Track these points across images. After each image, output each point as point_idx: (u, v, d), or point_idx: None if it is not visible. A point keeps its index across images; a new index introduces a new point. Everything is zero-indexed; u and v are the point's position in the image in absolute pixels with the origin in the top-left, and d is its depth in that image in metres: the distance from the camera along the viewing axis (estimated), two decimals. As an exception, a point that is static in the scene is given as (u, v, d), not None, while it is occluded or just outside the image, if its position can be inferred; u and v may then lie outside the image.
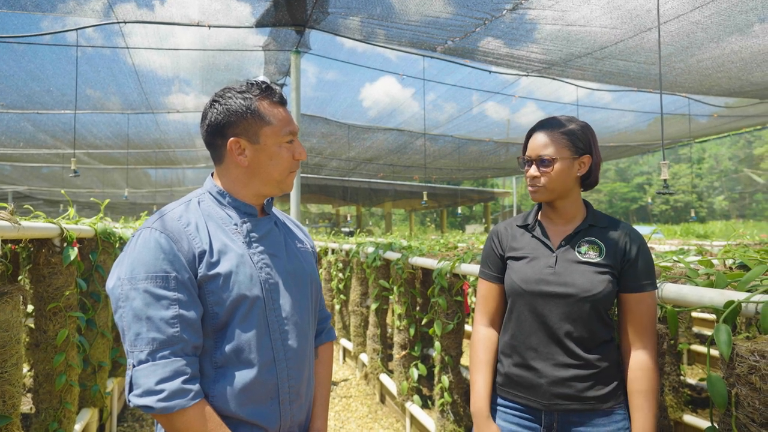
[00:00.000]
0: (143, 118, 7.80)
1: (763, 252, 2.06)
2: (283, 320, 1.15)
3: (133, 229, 3.84)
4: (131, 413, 3.96)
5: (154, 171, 13.58)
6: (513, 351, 1.47)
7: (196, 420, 1.00)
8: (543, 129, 1.46)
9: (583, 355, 1.38)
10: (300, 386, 1.17)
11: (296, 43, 4.55)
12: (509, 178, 22.96)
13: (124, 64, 5.58)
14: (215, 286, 1.06)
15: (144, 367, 0.98)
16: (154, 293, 1.00)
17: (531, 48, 4.91)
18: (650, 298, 1.39)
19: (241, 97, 1.15)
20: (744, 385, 1.21)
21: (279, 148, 1.16)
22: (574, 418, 1.39)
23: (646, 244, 1.43)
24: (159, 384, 0.97)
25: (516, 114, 9.62)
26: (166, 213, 1.12)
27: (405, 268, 3.60)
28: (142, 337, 0.99)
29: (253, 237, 1.17)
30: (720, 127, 10.41)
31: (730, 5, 3.72)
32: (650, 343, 1.38)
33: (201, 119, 1.20)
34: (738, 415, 1.22)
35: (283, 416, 1.13)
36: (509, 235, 1.55)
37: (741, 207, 33.29)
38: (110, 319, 3.02)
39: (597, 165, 1.49)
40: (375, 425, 3.82)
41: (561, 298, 1.38)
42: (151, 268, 1.01)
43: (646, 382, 1.35)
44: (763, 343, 1.23)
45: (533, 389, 1.42)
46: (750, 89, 6.42)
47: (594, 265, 1.38)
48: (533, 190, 1.46)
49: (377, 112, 8.94)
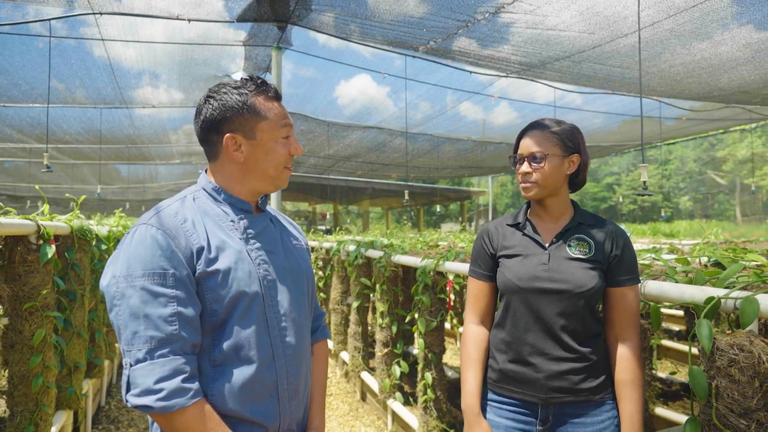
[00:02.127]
0: (117, 113, 7.59)
1: (738, 251, 2.16)
2: (281, 317, 1.14)
3: (109, 226, 3.74)
4: (105, 415, 3.87)
5: (126, 167, 13.22)
6: (508, 347, 1.50)
7: (196, 419, 0.98)
8: (534, 129, 1.51)
9: (577, 348, 1.43)
10: (298, 383, 1.17)
11: (277, 38, 4.50)
12: (484, 178, 23.24)
13: (98, 58, 5.41)
14: (214, 283, 1.05)
15: (142, 366, 0.96)
16: (152, 290, 0.98)
17: (512, 50, 4.99)
18: (633, 292, 1.46)
19: (237, 92, 1.14)
20: (724, 377, 1.27)
21: (275, 144, 1.16)
22: (569, 410, 1.44)
23: (630, 241, 1.50)
24: (158, 383, 0.95)
25: (491, 114, 9.75)
26: (161, 209, 1.10)
27: (388, 266, 3.62)
28: (140, 335, 0.97)
29: (250, 233, 1.16)
30: (687, 130, 10.77)
31: (702, 14, 3.87)
32: (635, 334, 1.45)
33: (195, 115, 1.19)
34: (718, 407, 1.27)
35: (282, 413, 1.12)
36: (500, 234, 1.58)
37: (705, 207, 34.53)
38: (87, 319, 2.95)
39: (585, 164, 1.54)
40: (356, 423, 3.83)
41: (556, 294, 1.43)
42: (148, 264, 0.99)
43: (632, 372, 1.41)
44: (742, 337, 1.29)
45: (530, 384, 1.46)
46: (717, 94, 6.68)
47: (585, 261, 1.44)
48: (526, 186, 1.50)
49: (353, 110, 8.94)
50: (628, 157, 33.81)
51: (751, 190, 13.03)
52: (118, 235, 4.22)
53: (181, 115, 8.24)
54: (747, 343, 1.25)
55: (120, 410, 3.98)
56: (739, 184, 31.49)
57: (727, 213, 32.38)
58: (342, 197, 18.96)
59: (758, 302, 1.26)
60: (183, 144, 10.48)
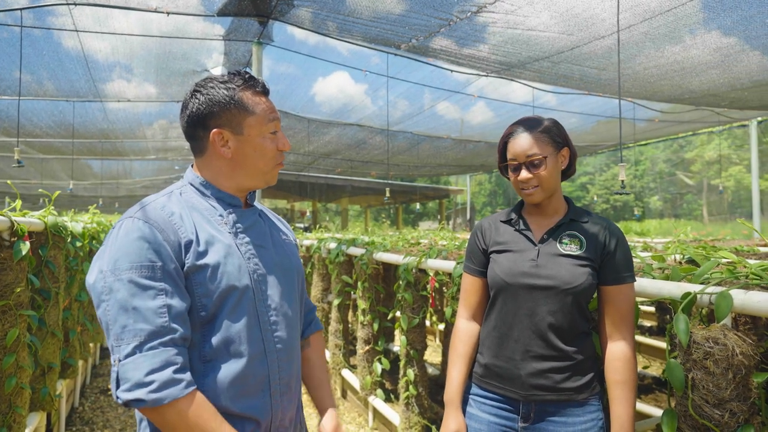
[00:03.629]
0: (90, 107, 7.37)
1: (708, 248, 2.25)
2: (272, 311, 1.13)
3: (83, 223, 3.65)
4: (79, 417, 3.78)
5: (99, 162, 12.85)
6: (494, 343, 1.50)
7: (190, 410, 0.95)
8: (524, 132, 1.47)
9: (561, 347, 1.41)
10: (290, 379, 1.17)
11: (258, 34, 4.45)
12: (462, 176, 23.43)
13: (72, 49, 5.25)
14: (203, 278, 1.03)
15: (131, 360, 0.93)
16: (140, 283, 0.96)
17: (492, 50, 5.04)
18: (629, 290, 1.44)
19: (224, 87, 1.12)
20: (699, 369, 1.32)
21: (263, 139, 1.14)
22: (550, 408, 1.43)
23: (625, 238, 1.48)
24: (149, 375, 0.92)
25: (468, 113, 9.84)
26: (148, 203, 1.08)
27: (370, 263, 3.62)
28: (129, 329, 0.94)
29: (239, 228, 1.15)
30: (659, 131, 11.07)
31: (676, 18, 3.99)
32: (629, 334, 1.43)
33: (181, 109, 1.17)
34: (694, 398, 1.32)
35: (275, 408, 1.12)
36: (493, 229, 1.57)
37: (674, 207, 35.57)
38: (61, 318, 2.87)
39: (575, 155, 1.54)
40: (337, 420, 3.83)
41: (543, 291, 1.42)
42: (135, 258, 0.97)
43: (626, 373, 1.39)
44: (716, 331, 1.34)
45: (512, 380, 1.45)
46: (688, 96, 6.89)
47: (575, 258, 1.42)
48: (529, 192, 1.46)
49: (330, 108, 8.90)
50: (602, 157, 34.61)
51: (718, 190, 13.47)
52: (92, 231, 4.11)
53: (158, 109, 8.07)
54: (721, 337, 1.31)
55: (94, 411, 3.89)
56: (706, 185, 32.56)
57: (695, 212, 33.44)
58: (321, 195, 18.87)
59: (732, 297, 1.31)
60: (159, 139, 10.26)
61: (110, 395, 4.23)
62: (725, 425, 1.27)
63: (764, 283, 1.38)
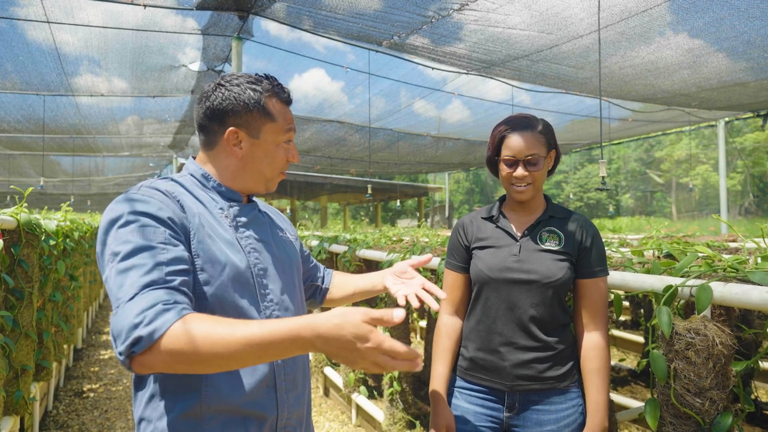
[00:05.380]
0: (61, 101, 7.14)
1: (683, 244, 2.32)
2: (274, 305, 1.12)
3: (57, 221, 3.53)
4: (53, 420, 3.67)
5: (70, 159, 12.45)
6: (478, 336, 1.54)
7: (193, 327, 0.81)
8: (523, 130, 1.49)
9: (543, 338, 1.47)
10: (296, 374, 1.15)
11: (238, 29, 4.38)
12: (440, 174, 23.58)
13: (43, 41, 5.07)
14: (203, 266, 1.01)
15: (127, 305, 0.84)
16: (144, 224, 0.93)
17: (472, 47, 5.08)
18: (603, 283, 1.51)
19: (251, 88, 1.11)
20: (681, 359, 1.36)
21: (276, 147, 1.14)
22: (534, 397, 1.48)
23: (599, 234, 1.55)
24: (139, 315, 0.82)
25: (444, 112, 9.91)
26: (150, 183, 1.05)
27: (353, 260, 3.62)
28: (132, 280, 0.87)
29: (240, 222, 1.14)
30: (631, 131, 11.35)
31: (651, 19, 4.10)
32: (602, 324, 1.50)
33: (199, 99, 1.14)
34: (675, 387, 1.36)
35: (281, 405, 1.10)
36: (475, 226, 1.61)
37: (644, 205, 36.58)
38: (35, 319, 2.78)
39: (559, 157, 1.60)
40: (320, 418, 3.82)
41: (525, 285, 1.47)
42: (141, 212, 0.95)
43: (599, 361, 1.46)
44: (697, 322, 1.38)
45: (497, 372, 1.49)
46: (660, 96, 7.08)
47: (554, 253, 1.48)
48: (521, 190, 1.49)
49: (306, 104, 8.84)
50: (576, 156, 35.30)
51: (688, 188, 13.92)
52: (66, 230, 3.99)
53: (132, 104, 7.87)
54: (702, 328, 1.35)
55: (69, 414, 3.79)
56: (675, 183, 33.57)
57: (665, 210, 34.46)
58: (300, 193, 18.73)
59: (712, 289, 1.36)
60: (133, 135, 10.01)
61: (86, 398, 4.12)
62: (705, 413, 1.32)
63: (740, 275, 1.43)
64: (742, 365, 1.39)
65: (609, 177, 37.29)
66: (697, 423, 1.33)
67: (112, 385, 4.44)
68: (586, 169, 36.88)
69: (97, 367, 4.95)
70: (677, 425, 1.37)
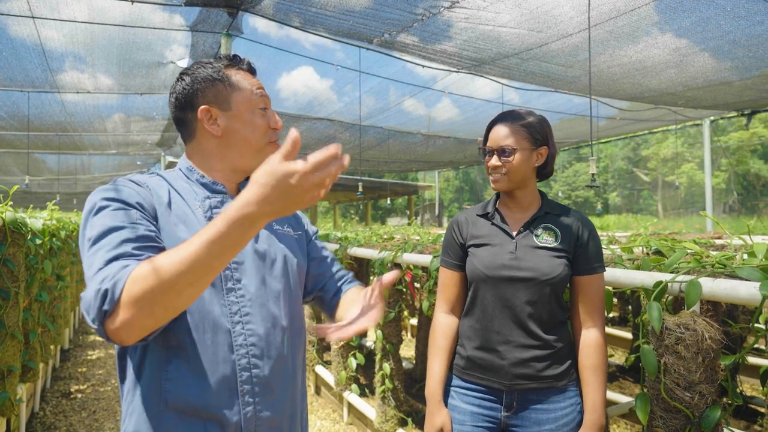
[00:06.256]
0: (47, 98, 7.01)
1: (671, 241, 2.35)
2: (246, 302, 1.06)
3: (43, 219, 3.48)
4: (40, 422, 3.62)
5: (56, 157, 12.24)
6: (476, 334, 1.53)
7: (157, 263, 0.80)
8: (504, 121, 1.52)
9: (542, 335, 1.46)
10: (269, 379, 1.06)
11: (227, 25, 4.34)
12: (430, 173, 23.62)
13: (27, 37, 4.98)
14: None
15: (92, 279, 0.84)
16: (116, 209, 0.95)
17: (463, 46, 5.10)
18: (600, 280, 1.51)
19: (209, 65, 1.13)
20: (671, 354, 1.38)
21: (252, 114, 1.12)
22: (532, 396, 1.47)
23: (596, 230, 1.55)
24: (102, 280, 0.82)
25: (433, 110, 9.93)
26: (125, 176, 1.08)
27: (344, 258, 3.61)
28: (100, 257, 0.87)
29: (216, 213, 1.10)
30: (618, 129, 11.45)
31: (639, 18, 4.14)
32: (599, 321, 1.49)
33: (169, 97, 1.15)
34: (666, 381, 1.38)
35: (245, 411, 1.02)
36: (470, 223, 1.60)
37: (631, 203, 36.99)
38: (21, 319, 2.74)
39: (553, 156, 1.58)
40: (311, 417, 3.81)
41: (522, 282, 1.45)
42: (113, 199, 0.97)
43: (596, 358, 1.46)
44: (687, 317, 1.40)
45: (495, 371, 1.48)
46: (647, 95, 7.16)
47: (551, 250, 1.47)
48: (495, 179, 1.52)
49: (295, 103, 8.80)
50: (564, 154, 35.60)
51: (675, 185, 14.10)
52: (52, 228, 3.94)
53: (119, 102, 7.76)
54: (691, 323, 1.37)
55: (56, 416, 3.74)
56: (661, 182, 34.00)
57: (651, 208, 34.89)
58: (289, 191, 18.61)
59: (701, 285, 1.38)
60: (120, 133, 9.88)
61: (73, 399, 4.07)
62: (695, 406, 1.34)
63: (728, 271, 1.45)
64: (731, 359, 1.41)
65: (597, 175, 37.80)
66: (686, 416, 1.35)
67: (100, 385, 4.39)
68: (574, 168, 37.19)
69: (84, 368, 4.89)
70: (667, 419, 1.39)
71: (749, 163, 27.41)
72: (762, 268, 1.35)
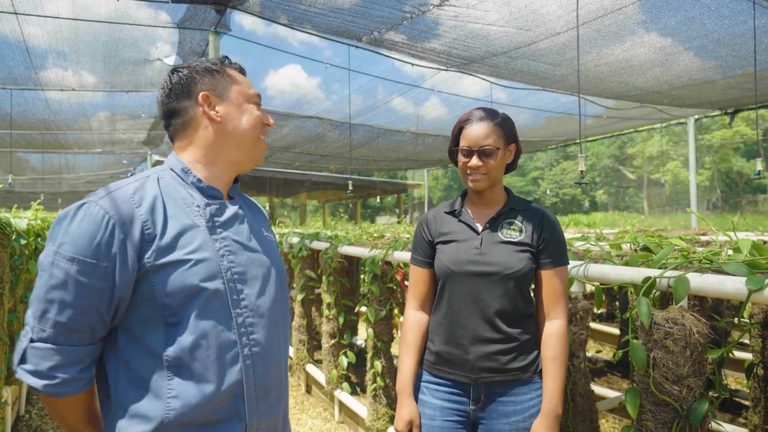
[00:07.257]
0: (30, 95, 6.88)
1: (658, 237, 2.39)
2: (249, 312, 1.07)
3: (27, 219, 3.42)
4: (26, 425, 3.56)
5: (40, 156, 12.02)
6: (443, 330, 1.56)
7: (77, 403, 1.01)
8: (480, 121, 1.53)
9: (506, 329, 1.49)
10: (268, 384, 1.09)
11: (215, 22, 4.30)
12: (419, 171, 23.67)
13: (10, 33, 4.88)
14: (165, 277, 0.97)
15: (43, 348, 0.94)
16: (76, 278, 0.93)
17: (452, 44, 5.11)
18: (563, 273, 1.54)
19: (208, 61, 1.16)
20: (660, 349, 1.40)
21: (249, 104, 1.17)
22: (498, 389, 1.50)
23: (559, 225, 1.58)
24: (53, 370, 0.95)
25: (421, 109, 9.95)
26: (115, 189, 1.00)
27: (335, 257, 3.61)
28: (49, 317, 0.94)
29: (217, 221, 1.08)
30: (605, 128, 11.57)
31: (626, 17, 4.19)
32: (562, 313, 1.52)
33: (161, 90, 1.14)
34: (655, 375, 1.40)
35: (249, 416, 1.05)
36: (438, 221, 1.63)
37: (617, 200, 37.43)
38: (6, 320, 2.69)
39: (519, 152, 1.62)
40: (302, 416, 3.80)
41: (487, 277, 1.48)
42: (80, 250, 0.93)
43: (557, 348, 1.49)
44: (675, 312, 1.42)
45: (462, 365, 1.51)
46: (634, 93, 7.24)
47: (515, 245, 1.50)
48: (476, 179, 1.53)
49: (282, 101, 8.76)
50: (552, 153, 35.94)
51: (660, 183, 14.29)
52: (37, 228, 3.87)
53: (104, 100, 7.64)
54: (680, 317, 1.39)
55: (42, 418, 3.68)
56: (646, 179, 34.44)
57: (636, 205, 35.33)
58: (278, 190, 18.55)
59: (689, 280, 1.40)
60: (105, 131, 9.74)
61: (59, 401, 4.01)
62: (683, 400, 1.36)
63: (715, 266, 1.48)
64: (718, 353, 1.44)
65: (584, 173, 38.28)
66: (674, 410, 1.37)
67: (88, 387, 4.34)
68: (562, 166, 37.50)
69: (71, 370, 4.82)
70: (656, 412, 1.41)
71: (732, 161, 27.90)
72: (748, 264, 1.38)
